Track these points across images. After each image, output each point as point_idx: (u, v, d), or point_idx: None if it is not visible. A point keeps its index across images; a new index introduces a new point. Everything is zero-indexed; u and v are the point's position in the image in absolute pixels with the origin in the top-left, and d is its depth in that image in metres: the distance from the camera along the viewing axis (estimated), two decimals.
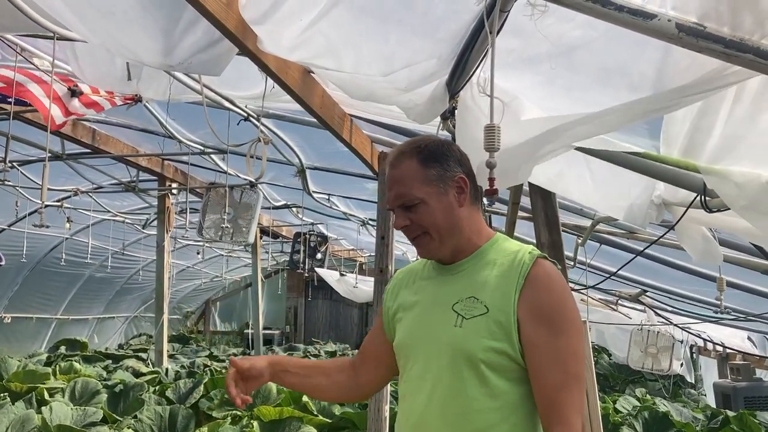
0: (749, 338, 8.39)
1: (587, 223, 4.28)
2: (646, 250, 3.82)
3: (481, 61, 1.91)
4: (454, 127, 2.37)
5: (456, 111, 2.31)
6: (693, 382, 9.71)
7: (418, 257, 1.71)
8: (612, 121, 1.64)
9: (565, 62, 1.74)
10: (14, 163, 5.98)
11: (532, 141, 1.82)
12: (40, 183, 6.52)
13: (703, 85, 1.45)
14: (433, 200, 1.58)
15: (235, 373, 1.70)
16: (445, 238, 1.59)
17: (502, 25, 1.64)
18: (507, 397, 1.48)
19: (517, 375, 1.49)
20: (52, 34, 2.93)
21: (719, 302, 3.21)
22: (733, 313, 5.54)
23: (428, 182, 1.58)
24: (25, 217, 7.59)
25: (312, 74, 3.11)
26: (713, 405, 7.81)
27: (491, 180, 1.46)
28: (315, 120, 3.55)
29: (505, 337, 1.47)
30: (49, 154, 3.93)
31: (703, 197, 2.20)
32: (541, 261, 1.55)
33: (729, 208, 2.18)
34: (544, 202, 3.06)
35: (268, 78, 2.98)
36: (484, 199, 1.67)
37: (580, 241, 4.59)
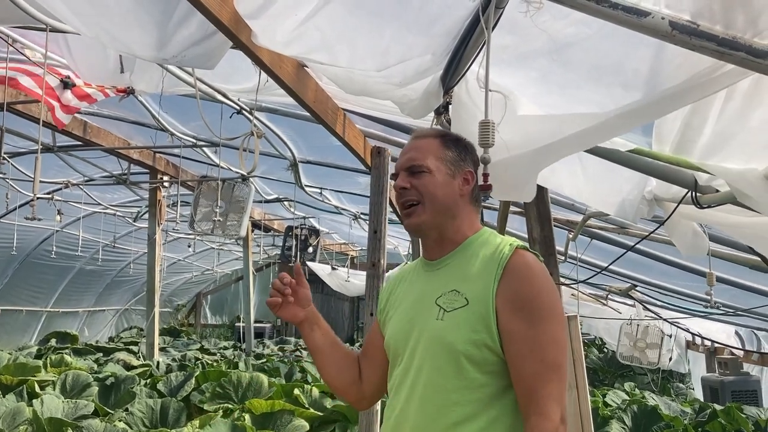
0: (737, 333, 8.47)
1: (579, 218, 4.31)
2: (637, 245, 3.84)
3: (476, 56, 1.92)
4: (448, 122, 2.38)
5: (450, 106, 2.32)
6: (686, 372, 9.79)
7: (407, 255, 1.72)
8: (609, 130, 1.65)
9: (559, 59, 1.75)
10: (5, 155, 5.94)
11: (530, 155, 1.84)
12: (31, 175, 6.50)
13: (696, 89, 1.47)
14: (440, 175, 1.60)
15: (290, 279, 1.75)
16: (436, 215, 1.60)
17: (497, 21, 1.65)
18: (486, 389, 1.47)
19: (497, 368, 1.48)
20: (44, 27, 2.91)
21: (709, 297, 3.24)
22: (722, 308, 5.59)
23: (442, 160, 1.61)
24: (16, 209, 7.55)
25: (306, 68, 3.11)
26: (701, 399, 7.89)
27: (485, 175, 1.48)
28: (308, 114, 3.55)
29: (484, 329, 1.47)
30: (40, 146, 3.93)
31: (694, 193, 2.22)
32: (521, 251, 1.54)
33: (719, 204, 2.21)
34: (536, 197, 3.06)
35: (262, 72, 2.98)
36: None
37: (571, 236, 4.63)
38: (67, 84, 4.28)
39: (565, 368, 1.50)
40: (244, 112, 4.43)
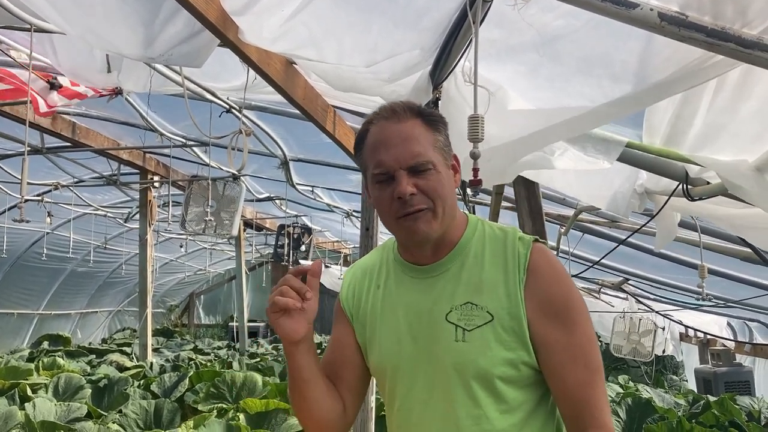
0: (729, 324, 8.52)
1: (570, 212, 4.31)
2: (629, 239, 3.85)
3: (465, 51, 1.91)
4: None
5: (439, 102, 2.31)
6: (680, 362, 9.84)
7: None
8: (596, 119, 1.64)
9: (548, 52, 1.74)
10: None
11: (517, 143, 1.83)
12: (19, 177, 6.45)
13: (685, 79, 1.46)
14: (443, 170, 1.33)
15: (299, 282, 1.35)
16: (445, 219, 1.34)
17: (485, 15, 1.64)
18: (525, 406, 1.33)
19: (533, 380, 1.33)
20: (29, 26, 2.88)
21: (701, 289, 3.25)
22: (714, 300, 5.61)
23: (437, 149, 1.33)
24: (5, 212, 7.50)
25: (294, 65, 3.09)
26: (695, 390, 7.93)
27: (475, 170, 1.46)
28: (298, 111, 3.53)
29: (519, 345, 1.29)
30: (29, 148, 3.88)
31: (685, 185, 2.22)
32: (538, 246, 1.36)
33: (710, 196, 2.21)
34: (527, 191, 3.07)
35: (250, 69, 2.95)
36: (468, 191, 1.61)
37: (563, 230, 4.63)
38: (53, 85, 4.24)
39: (603, 369, 1.34)
40: (233, 110, 4.41)
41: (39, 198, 7.68)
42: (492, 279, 1.33)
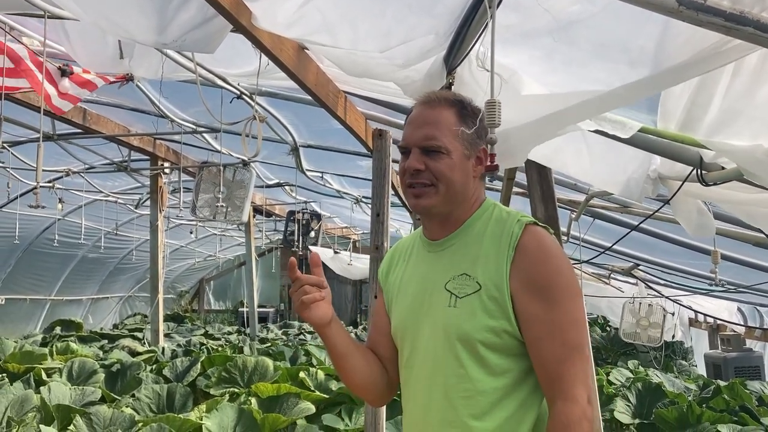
0: (739, 309, 8.50)
1: (581, 197, 4.30)
2: (641, 225, 3.84)
3: (479, 36, 1.90)
4: None
5: (453, 87, 2.31)
6: (689, 347, 9.84)
7: (409, 235, 1.59)
8: (612, 102, 1.64)
9: (563, 37, 1.73)
10: (5, 145, 5.93)
11: (532, 125, 1.82)
12: (31, 164, 6.48)
13: (702, 63, 1.45)
14: (458, 157, 1.47)
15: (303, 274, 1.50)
16: (449, 199, 1.48)
17: None
18: (511, 374, 1.43)
19: (519, 351, 1.43)
20: (42, 13, 2.89)
21: (714, 275, 3.24)
22: (725, 285, 5.60)
23: (460, 139, 1.48)
24: (16, 198, 7.54)
25: (306, 51, 3.09)
26: (704, 375, 7.93)
27: (492, 156, 1.46)
28: (309, 97, 3.53)
29: (501, 314, 1.41)
30: (42, 135, 3.91)
31: (699, 171, 2.22)
32: (531, 228, 1.46)
33: (725, 182, 2.20)
34: (540, 177, 3.06)
35: (262, 55, 2.96)
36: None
37: (574, 216, 4.62)
38: (64, 72, 4.26)
39: (587, 348, 1.44)
40: (244, 96, 4.41)
41: (50, 184, 7.72)
42: (486, 254, 1.46)
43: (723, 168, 2.19)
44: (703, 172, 2.24)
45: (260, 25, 2.34)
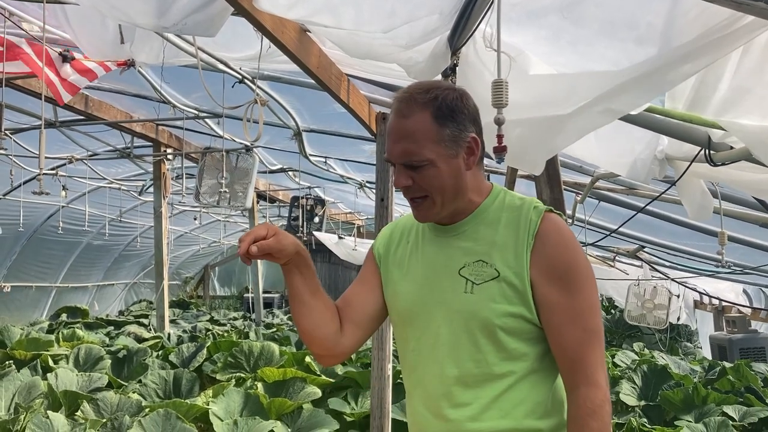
0: (745, 291, 8.49)
1: (586, 180, 4.28)
2: (647, 206, 3.82)
3: (484, 15, 1.87)
4: (454, 84, 2.34)
5: (457, 68, 2.28)
6: (694, 329, 9.85)
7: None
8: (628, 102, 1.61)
9: (570, 15, 1.71)
10: (7, 132, 5.91)
11: (548, 134, 1.80)
12: (34, 151, 6.46)
13: (714, 48, 1.42)
14: (443, 163, 1.44)
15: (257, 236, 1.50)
16: (447, 203, 1.48)
17: None
18: (527, 358, 1.45)
19: (535, 335, 1.45)
20: None
21: (720, 256, 3.22)
22: (731, 267, 5.58)
23: (440, 142, 1.44)
24: (20, 186, 7.54)
25: (308, 33, 3.06)
26: (709, 357, 7.94)
27: (500, 137, 1.44)
28: (311, 81, 3.50)
29: (520, 300, 1.43)
30: (44, 122, 3.89)
31: (707, 151, 2.19)
32: (549, 215, 1.48)
33: (733, 161, 2.18)
34: None
35: (264, 38, 2.92)
36: (493, 156, 1.58)
37: (579, 198, 4.60)
38: (66, 57, 4.23)
39: (602, 331, 1.47)
40: (246, 81, 4.38)
41: (53, 172, 7.71)
42: (503, 242, 1.47)
43: (732, 147, 2.17)
44: (712, 152, 2.21)
45: (262, 7, 2.30)
